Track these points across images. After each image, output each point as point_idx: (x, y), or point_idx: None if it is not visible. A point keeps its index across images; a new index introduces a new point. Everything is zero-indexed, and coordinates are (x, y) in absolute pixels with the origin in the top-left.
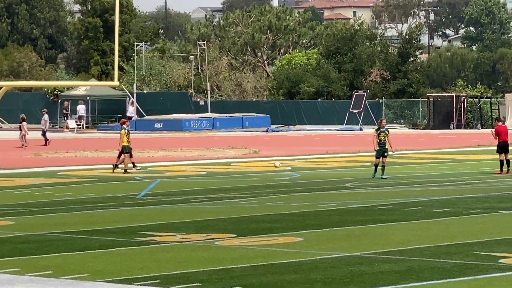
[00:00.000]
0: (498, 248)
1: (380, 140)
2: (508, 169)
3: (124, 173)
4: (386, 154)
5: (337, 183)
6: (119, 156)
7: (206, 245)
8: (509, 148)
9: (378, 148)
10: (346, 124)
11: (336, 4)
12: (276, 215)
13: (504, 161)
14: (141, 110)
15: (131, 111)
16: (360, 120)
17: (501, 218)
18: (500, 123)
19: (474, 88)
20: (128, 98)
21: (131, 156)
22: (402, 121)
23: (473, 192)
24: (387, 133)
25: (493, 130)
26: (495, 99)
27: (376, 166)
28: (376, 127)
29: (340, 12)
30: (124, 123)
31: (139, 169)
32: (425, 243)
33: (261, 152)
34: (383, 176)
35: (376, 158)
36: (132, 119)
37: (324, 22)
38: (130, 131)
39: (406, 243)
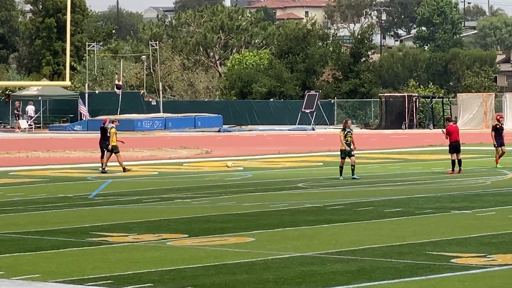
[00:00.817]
0: (449, 248)
1: (347, 140)
2: (460, 169)
3: (124, 171)
4: (352, 153)
5: (289, 183)
6: (102, 156)
7: (158, 246)
8: (461, 148)
9: (347, 148)
10: (298, 124)
11: (288, 4)
12: (228, 215)
13: (456, 161)
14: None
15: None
16: (312, 120)
17: (452, 218)
18: (451, 123)
19: (426, 88)
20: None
21: (102, 157)
22: (354, 121)
23: (425, 192)
24: (352, 133)
25: (444, 129)
26: (447, 99)
27: (341, 167)
28: (342, 127)
29: (292, 12)
30: (113, 122)
31: (103, 171)
32: (377, 243)
33: (213, 152)
34: (355, 176)
35: (342, 158)
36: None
37: (276, 22)
38: (81, 131)
39: (358, 243)
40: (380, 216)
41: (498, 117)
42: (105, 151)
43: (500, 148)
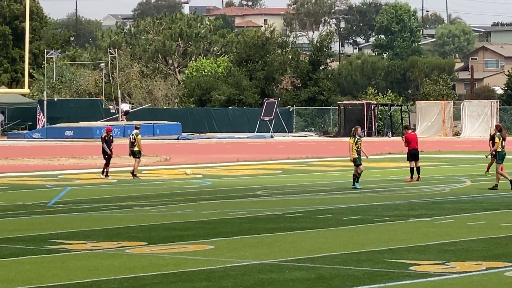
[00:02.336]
0: (408, 255)
1: (358, 148)
2: (419, 177)
3: (133, 177)
4: (361, 162)
5: (248, 190)
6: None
7: (117, 253)
8: (419, 155)
9: (357, 156)
10: (257, 132)
11: (247, 12)
12: (187, 223)
13: (415, 168)
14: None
15: (125, 106)
16: (271, 128)
17: (411, 225)
18: (410, 131)
19: (384, 96)
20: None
21: (107, 164)
22: (313, 128)
23: (383, 199)
24: (361, 140)
25: (403, 137)
26: (406, 106)
27: (355, 175)
28: (352, 134)
29: (251, 19)
30: (136, 128)
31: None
32: (336, 251)
33: (172, 160)
34: (356, 185)
35: (357, 166)
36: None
37: (235, 29)
38: (40, 139)
39: (316, 251)
40: (339, 223)
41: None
42: (108, 158)
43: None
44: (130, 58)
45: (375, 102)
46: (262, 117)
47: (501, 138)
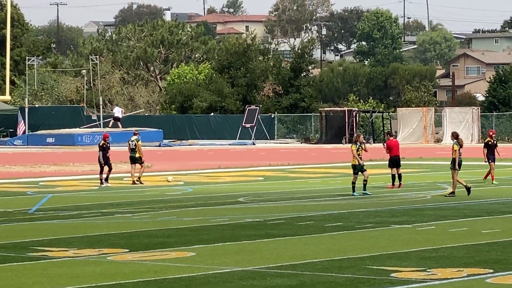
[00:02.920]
0: (389, 262)
1: (359, 154)
2: (400, 183)
3: (139, 182)
4: (365, 168)
5: (229, 197)
6: (101, 172)
7: (99, 260)
8: (401, 162)
9: (357, 163)
10: (238, 139)
11: (229, 19)
12: (168, 230)
13: (396, 175)
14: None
15: (117, 111)
16: (253, 135)
17: (393, 232)
18: (391, 138)
19: (366, 102)
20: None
21: (101, 172)
22: (294, 135)
23: (365, 206)
24: (363, 147)
25: (385, 144)
26: (387, 113)
27: (354, 183)
28: (353, 140)
29: (232, 26)
30: (135, 134)
31: (108, 185)
32: (318, 258)
33: (154, 167)
34: (366, 192)
35: (355, 174)
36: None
37: (216, 36)
38: (21, 146)
39: (298, 258)
40: (320, 230)
41: (491, 134)
42: (105, 165)
43: (490, 164)
44: (112, 65)
45: (357, 109)
46: (243, 124)
47: (459, 145)
